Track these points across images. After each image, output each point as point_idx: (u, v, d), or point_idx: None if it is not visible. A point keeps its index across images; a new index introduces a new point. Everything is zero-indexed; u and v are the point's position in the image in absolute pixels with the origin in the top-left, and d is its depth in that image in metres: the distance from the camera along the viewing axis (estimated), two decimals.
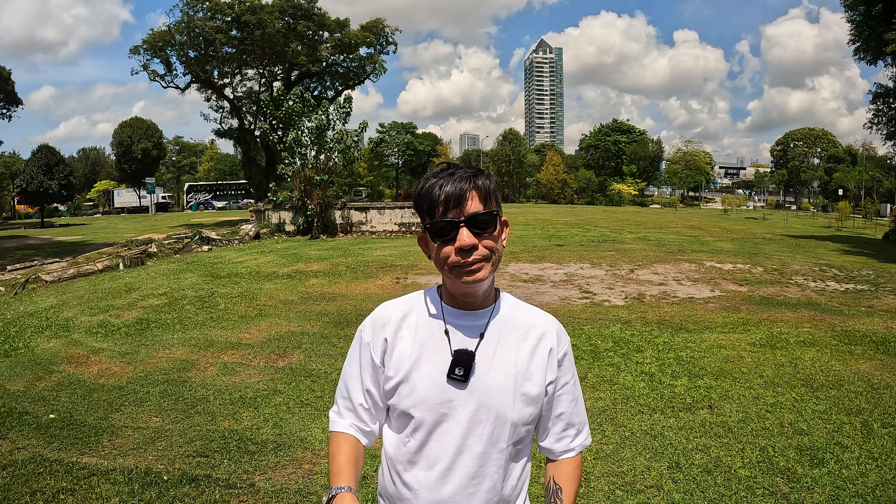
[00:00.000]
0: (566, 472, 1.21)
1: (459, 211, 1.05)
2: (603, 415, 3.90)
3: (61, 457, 3.35)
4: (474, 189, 1.06)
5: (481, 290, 1.10)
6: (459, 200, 1.05)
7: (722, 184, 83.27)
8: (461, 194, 1.05)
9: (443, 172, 1.09)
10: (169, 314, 7.23)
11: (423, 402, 1.08)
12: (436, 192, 1.06)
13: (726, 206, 43.83)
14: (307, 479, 3.11)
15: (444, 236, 1.06)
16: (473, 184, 1.06)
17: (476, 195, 1.06)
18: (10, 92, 29.74)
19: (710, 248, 14.45)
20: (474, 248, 1.04)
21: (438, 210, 1.06)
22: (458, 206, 1.05)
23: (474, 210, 1.05)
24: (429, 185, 1.08)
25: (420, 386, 1.09)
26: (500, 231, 1.10)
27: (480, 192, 1.07)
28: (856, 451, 3.30)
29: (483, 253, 1.05)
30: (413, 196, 1.14)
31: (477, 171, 1.10)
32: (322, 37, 29.32)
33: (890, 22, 17.79)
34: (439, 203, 1.05)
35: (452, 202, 1.05)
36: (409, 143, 67.47)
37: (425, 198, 1.08)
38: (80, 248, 17.51)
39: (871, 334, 5.83)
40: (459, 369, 1.07)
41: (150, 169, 45.29)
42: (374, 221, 18.87)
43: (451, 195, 1.05)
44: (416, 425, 1.10)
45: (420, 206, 1.10)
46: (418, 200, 1.10)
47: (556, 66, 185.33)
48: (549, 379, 1.14)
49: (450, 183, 1.06)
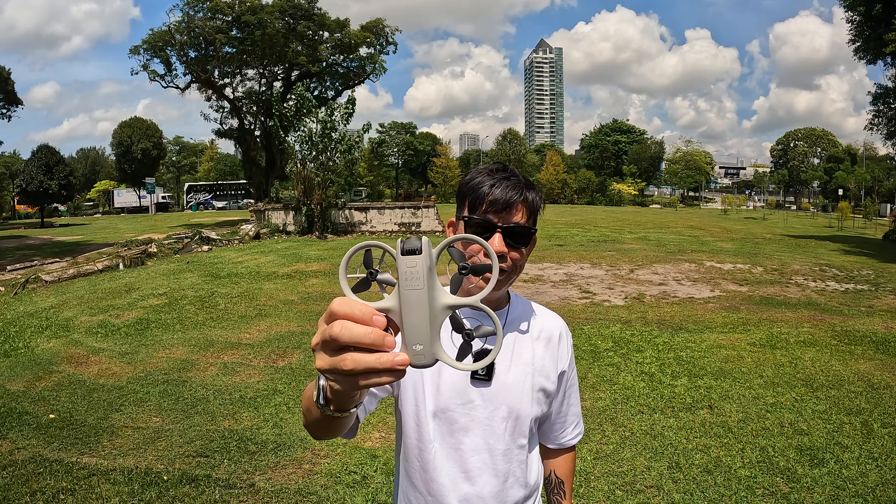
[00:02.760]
0: (566, 467, 1.27)
1: (502, 217, 1.04)
2: (603, 415, 3.90)
3: (61, 457, 3.35)
4: (523, 202, 1.06)
5: (495, 297, 1.13)
6: (506, 207, 1.04)
7: (722, 184, 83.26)
8: (510, 202, 1.04)
9: (497, 173, 1.08)
10: (169, 314, 7.23)
11: (447, 403, 1.08)
12: (484, 190, 1.05)
13: (726, 206, 43.82)
14: (307, 479, 3.11)
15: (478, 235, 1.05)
16: (524, 196, 1.06)
17: (523, 208, 1.06)
18: (9, 92, 29.70)
19: (710, 248, 14.45)
20: (503, 258, 1.05)
21: (482, 208, 1.05)
22: (503, 212, 1.04)
23: (517, 221, 1.05)
24: (479, 179, 1.07)
25: (443, 389, 1.09)
26: (529, 250, 1.11)
27: (528, 206, 1.07)
28: (856, 451, 3.30)
29: (508, 264, 1.06)
30: (459, 184, 1.13)
31: (530, 183, 1.10)
32: (322, 37, 29.31)
33: (890, 22, 17.80)
34: (485, 201, 1.05)
35: (500, 206, 1.04)
36: (408, 143, 67.46)
37: (472, 191, 1.07)
38: (80, 248, 17.51)
39: (871, 334, 5.83)
40: (483, 369, 1.08)
41: (150, 169, 45.27)
42: (375, 221, 18.87)
43: (500, 200, 1.04)
44: (439, 427, 1.09)
45: (464, 196, 1.09)
46: (463, 190, 1.09)
47: (555, 66, 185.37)
48: (560, 373, 1.19)
49: (502, 187, 1.05)
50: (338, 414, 0.67)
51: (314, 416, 0.72)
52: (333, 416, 0.67)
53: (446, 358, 0.54)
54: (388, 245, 0.56)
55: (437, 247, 0.56)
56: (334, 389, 0.61)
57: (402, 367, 0.50)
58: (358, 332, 0.50)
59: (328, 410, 0.67)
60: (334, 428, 0.76)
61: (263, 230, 18.04)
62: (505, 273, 1.06)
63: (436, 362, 0.53)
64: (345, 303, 0.52)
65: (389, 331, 0.53)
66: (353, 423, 1.01)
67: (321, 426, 0.75)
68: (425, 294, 0.52)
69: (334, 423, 0.71)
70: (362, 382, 0.51)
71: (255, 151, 31.24)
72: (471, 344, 0.57)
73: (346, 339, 0.50)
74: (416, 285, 0.52)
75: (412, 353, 0.53)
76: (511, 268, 1.07)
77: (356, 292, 0.55)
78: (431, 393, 1.08)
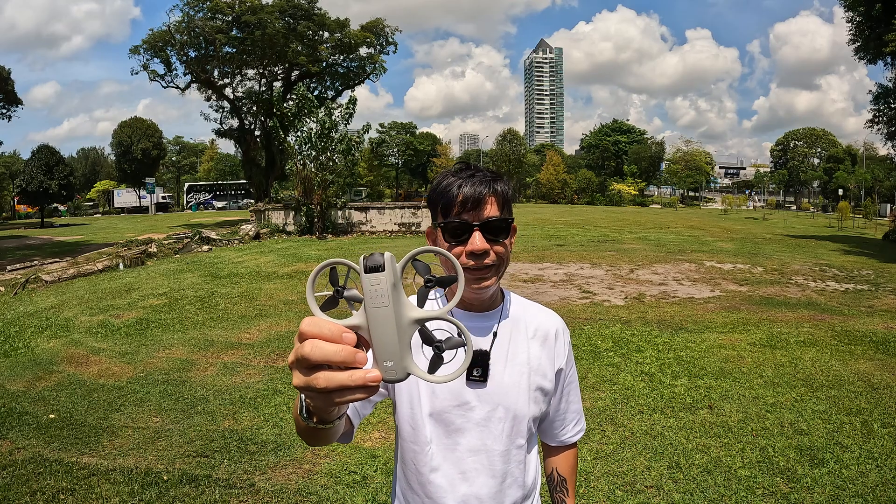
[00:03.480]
0: (569, 464, 1.27)
1: (475, 214, 1.03)
2: (603, 415, 3.90)
3: (61, 457, 3.35)
4: (493, 194, 1.05)
5: (488, 294, 1.11)
6: (477, 204, 1.03)
7: (722, 184, 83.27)
8: (479, 198, 1.03)
9: (462, 172, 1.07)
10: (169, 314, 7.23)
11: (443, 405, 1.08)
12: (453, 192, 1.04)
13: (726, 206, 43.82)
14: (307, 479, 3.11)
15: (456, 238, 1.05)
16: (492, 188, 1.05)
17: (494, 200, 1.05)
18: (9, 91, 29.70)
19: (710, 248, 14.46)
20: (486, 254, 1.04)
21: (454, 210, 1.04)
22: (475, 209, 1.03)
23: (491, 215, 1.04)
24: (446, 182, 1.07)
25: (439, 391, 1.08)
26: (510, 241, 1.10)
27: (498, 197, 1.06)
28: (856, 451, 3.30)
29: (493, 259, 1.05)
30: (429, 192, 1.12)
31: (496, 175, 1.09)
32: (322, 37, 29.32)
33: (890, 22, 17.81)
34: (456, 203, 1.04)
35: (470, 204, 1.03)
36: (408, 143, 67.47)
37: (441, 196, 1.06)
38: (80, 248, 17.51)
39: (871, 334, 5.83)
40: (477, 370, 1.08)
41: (150, 169, 45.27)
42: (374, 221, 18.87)
43: (470, 198, 1.03)
44: (435, 429, 1.09)
45: (435, 203, 1.08)
46: (433, 197, 1.09)
47: (555, 66, 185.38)
48: (558, 371, 1.18)
49: (469, 185, 1.04)
50: (321, 426, 0.68)
51: (301, 426, 0.74)
52: (318, 428, 0.69)
53: (418, 371, 0.55)
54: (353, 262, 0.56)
55: (400, 262, 0.56)
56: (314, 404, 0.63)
57: (375, 383, 0.51)
58: (328, 350, 0.51)
59: (311, 423, 0.68)
60: (323, 437, 0.77)
61: (263, 230, 18.05)
62: (493, 267, 1.06)
63: (408, 376, 0.54)
64: (313, 322, 0.53)
65: (361, 347, 0.54)
66: (347, 429, 1.02)
67: (310, 435, 0.76)
68: (391, 310, 0.53)
69: (321, 433, 0.72)
70: (337, 399, 0.52)
71: (255, 151, 31.25)
72: (441, 356, 0.58)
73: (317, 357, 0.51)
74: (382, 302, 0.53)
75: (383, 369, 0.53)
76: (498, 261, 1.06)
77: (325, 310, 0.56)
78: (427, 395, 1.08)
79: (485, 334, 1.12)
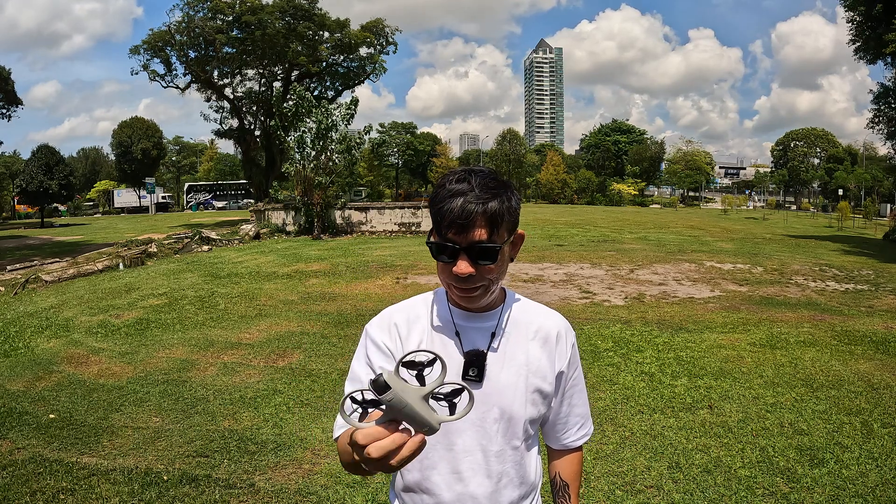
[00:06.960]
0: (572, 469, 1.24)
1: (463, 237, 0.99)
2: (603, 415, 3.90)
3: (61, 457, 3.35)
4: (482, 215, 0.98)
5: (481, 305, 1.10)
6: (464, 227, 0.98)
7: (722, 184, 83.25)
8: (468, 219, 0.97)
9: (460, 182, 1.01)
10: (169, 314, 7.23)
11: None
12: (444, 208, 0.99)
13: (726, 206, 43.80)
14: (307, 479, 3.11)
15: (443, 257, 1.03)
16: (484, 208, 0.98)
17: (483, 222, 0.98)
18: (9, 91, 29.72)
19: (710, 248, 14.46)
20: (471, 277, 1.01)
21: (443, 228, 1.00)
22: (464, 231, 0.98)
23: (479, 238, 0.99)
24: (442, 193, 1.01)
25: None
26: (503, 259, 1.05)
27: (489, 218, 0.99)
28: (856, 451, 3.30)
29: (481, 281, 1.03)
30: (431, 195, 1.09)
31: (496, 189, 1.01)
32: (322, 37, 29.31)
33: (890, 22, 17.80)
34: (445, 220, 1.00)
35: (459, 225, 0.98)
36: (409, 143, 67.47)
37: (434, 207, 1.02)
38: (80, 248, 17.51)
39: (871, 334, 5.83)
40: (473, 370, 1.07)
41: (150, 169, 45.27)
42: (374, 221, 18.86)
43: (457, 218, 0.97)
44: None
45: (432, 212, 1.05)
46: (431, 206, 1.05)
47: (555, 66, 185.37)
48: (559, 373, 1.16)
49: (461, 202, 0.98)
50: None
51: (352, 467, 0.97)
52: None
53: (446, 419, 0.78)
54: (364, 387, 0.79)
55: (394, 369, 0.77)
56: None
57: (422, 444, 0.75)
58: (386, 444, 0.72)
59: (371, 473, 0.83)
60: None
61: (263, 230, 18.05)
62: (481, 287, 1.04)
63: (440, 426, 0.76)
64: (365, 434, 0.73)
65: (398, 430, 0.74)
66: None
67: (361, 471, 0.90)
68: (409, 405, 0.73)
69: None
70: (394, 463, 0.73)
71: (255, 151, 31.25)
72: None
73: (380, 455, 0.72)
74: (402, 405, 0.72)
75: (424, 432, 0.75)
76: (486, 281, 1.04)
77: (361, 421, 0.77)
78: None
79: (484, 335, 1.12)
